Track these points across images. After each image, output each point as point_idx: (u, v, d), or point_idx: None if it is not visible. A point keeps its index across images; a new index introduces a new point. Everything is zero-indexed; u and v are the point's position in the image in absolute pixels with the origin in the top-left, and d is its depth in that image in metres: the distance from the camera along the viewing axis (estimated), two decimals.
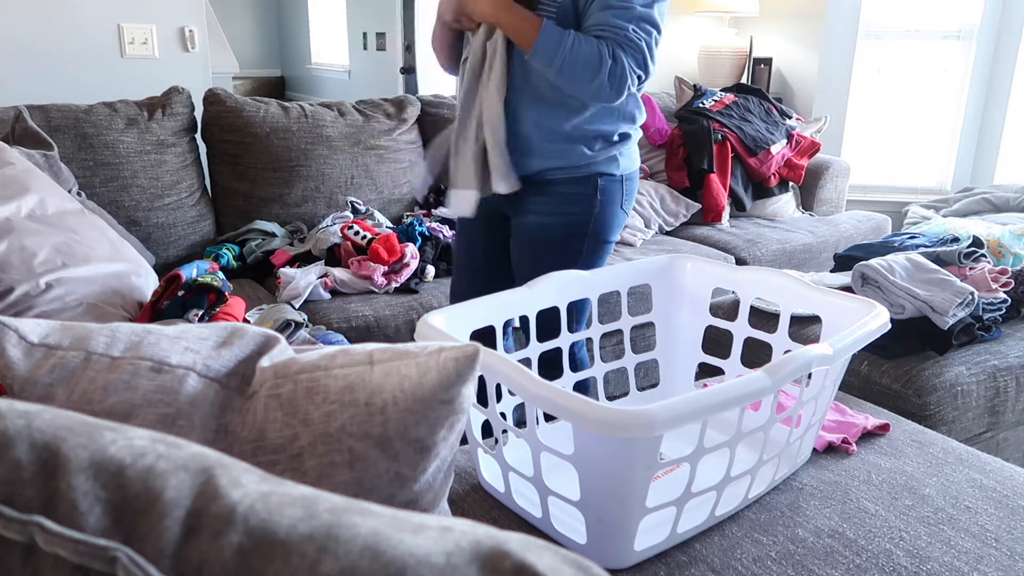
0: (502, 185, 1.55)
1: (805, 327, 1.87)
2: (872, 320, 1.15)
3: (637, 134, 1.67)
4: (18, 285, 1.32)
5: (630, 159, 1.65)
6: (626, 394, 1.52)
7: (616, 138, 1.61)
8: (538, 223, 1.62)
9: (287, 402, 0.62)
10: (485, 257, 1.77)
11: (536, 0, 1.50)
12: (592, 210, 1.61)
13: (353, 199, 2.56)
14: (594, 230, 1.62)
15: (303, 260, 2.31)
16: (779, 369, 0.98)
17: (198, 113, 2.46)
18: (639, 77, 1.49)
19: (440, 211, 2.61)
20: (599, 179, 1.60)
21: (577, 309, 1.65)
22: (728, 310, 1.99)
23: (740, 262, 2.78)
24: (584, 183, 1.59)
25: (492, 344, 1.32)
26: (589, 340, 1.44)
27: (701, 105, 3.22)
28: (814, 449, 1.27)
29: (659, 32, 1.49)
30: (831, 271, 2.15)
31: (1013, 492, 1.17)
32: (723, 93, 3.31)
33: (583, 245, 1.63)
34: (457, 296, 1.83)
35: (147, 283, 1.54)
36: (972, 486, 1.18)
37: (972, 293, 1.74)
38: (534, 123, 1.56)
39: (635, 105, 1.62)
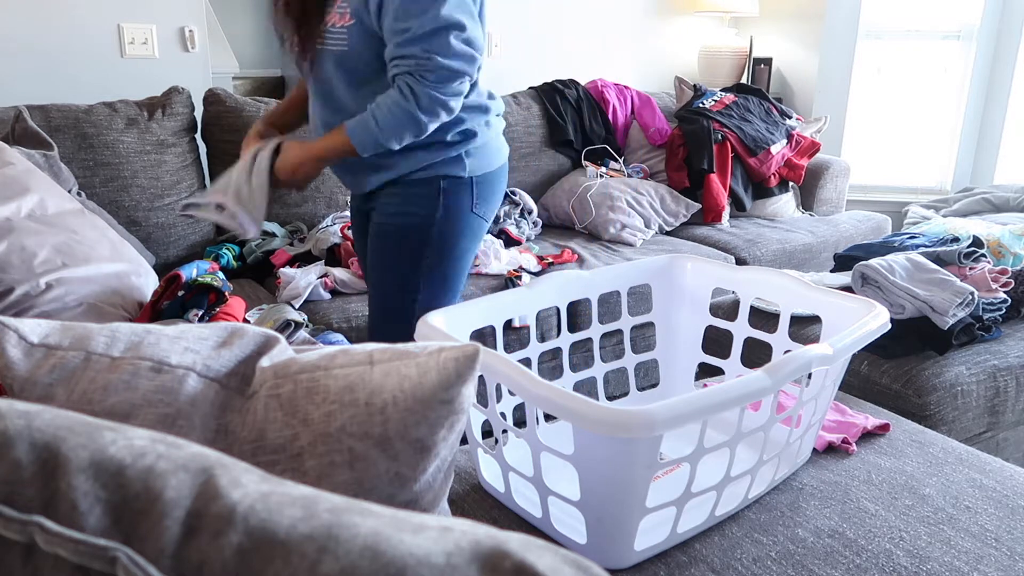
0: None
1: (805, 327, 1.87)
2: (872, 320, 1.15)
3: (486, 131, 1.57)
4: (18, 285, 1.32)
5: (481, 160, 1.56)
6: (626, 394, 1.52)
7: (453, 137, 1.52)
8: (382, 222, 1.57)
9: (287, 402, 0.62)
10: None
11: (322, 31, 1.43)
12: (435, 213, 1.53)
13: None
14: (439, 234, 1.54)
15: (303, 260, 2.31)
16: (779, 369, 0.98)
17: (198, 113, 2.46)
18: (458, 85, 1.42)
19: None
20: (442, 181, 1.53)
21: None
22: (728, 310, 1.99)
23: (740, 262, 2.78)
24: (427, 184, 1.53)
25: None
26: (589, 340, 1.44)
27: (701, 105, 3.22)
28: (814, 449, 1.27)
29: (458, 26, 1.38)
30: (831, 271, 2.15)
31: (1013, 492, 1.17)
32: (723, 93, 3.31)
33: (425, 249, 1.54)
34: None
35: (147, 283, 1.53)
36: (972, 486, 1.18)
37: (972, 293, 1.74)
38: None
39: (473, 102, 1.53)
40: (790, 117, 3.31)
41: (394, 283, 1.58)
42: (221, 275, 1.56)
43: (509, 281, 2.30)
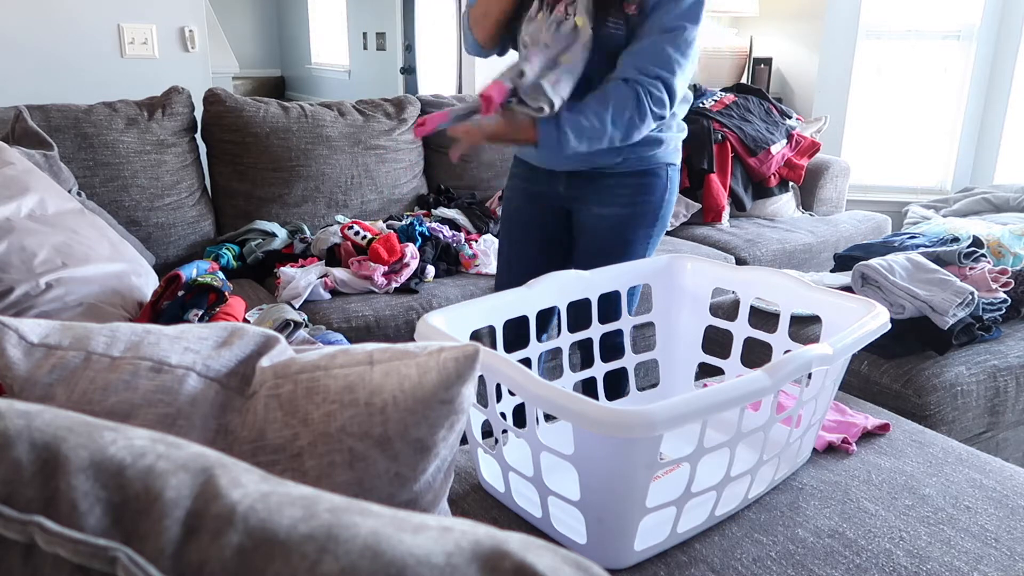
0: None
1: (805, 327, 1.87)
2: (872, 320, 1.15)
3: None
4: (18, 285, 1.32)
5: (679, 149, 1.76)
6: (626, 394, 1.52)
7: (676, 128, 1.68)
8: (615, 213, 1.67)
9: (287, 402, 0.62)
10: (541, 253, 1.76)
11: (605, 23, 1.52)
12: (664, 198, 1.69)
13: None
14: (662, 217, 1.71)
15: (303, 258, 2.31)
16: (779, 369, 0.98)
17: (198, 113, 2.46)
18: (667, 104, 1.52)
19: (440, 211, 2.61)
20: (668, 168, 1.68)
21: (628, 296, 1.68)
22: (728, 310, 1.99)
23: (740, 262, 2.78)
24: (655, 174, 1.67)
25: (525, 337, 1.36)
26: (590, 340, 1.44)
27: (701, 105, 3.22)
28: (814, 449, 1.27)
29: (685, 57, 1.52)
30: (831, 271, 2.15)
31: (1013, 492, 1.17)
32: (723, 93, 3.31)
33: (653, 231, 1.71)
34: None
35: (147, 283, 1.53)
36: (972, 486, 1.18)
37: (972, 293, 1.74)
38: None
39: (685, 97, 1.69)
40: (790, 117, 3.31)
41: None
42: (221, 275, 1.56)
43: None
